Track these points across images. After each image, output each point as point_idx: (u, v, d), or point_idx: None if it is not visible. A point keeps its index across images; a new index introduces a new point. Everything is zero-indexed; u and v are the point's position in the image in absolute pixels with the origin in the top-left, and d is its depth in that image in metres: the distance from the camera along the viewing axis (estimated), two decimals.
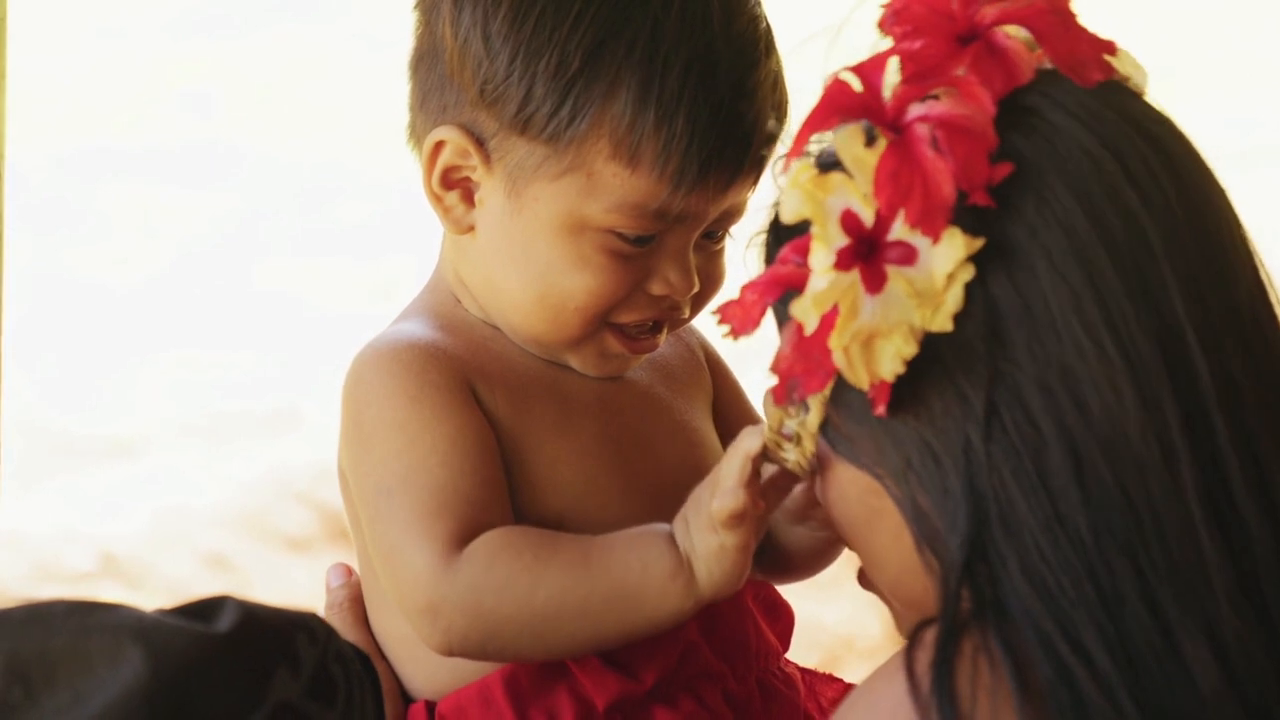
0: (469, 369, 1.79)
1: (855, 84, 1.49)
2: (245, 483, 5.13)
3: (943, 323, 1.44)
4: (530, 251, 1.78)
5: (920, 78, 1.47)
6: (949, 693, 1.42)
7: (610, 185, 1.74)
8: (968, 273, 1.45)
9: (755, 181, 1.79)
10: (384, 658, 1.85)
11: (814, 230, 1.45)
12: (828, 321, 1.44)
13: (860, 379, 1.45)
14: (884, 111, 1.47)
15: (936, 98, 1.47)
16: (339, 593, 1.89)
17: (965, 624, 1.45)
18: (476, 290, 1.83)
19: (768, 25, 1.80)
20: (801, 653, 1.95)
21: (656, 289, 1.79)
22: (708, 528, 1.67)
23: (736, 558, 1.67)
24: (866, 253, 1.45)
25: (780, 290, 1.48)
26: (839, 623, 3.64)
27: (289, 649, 1.38)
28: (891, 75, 1.49)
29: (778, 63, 1.80)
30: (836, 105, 1.49)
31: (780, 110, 1.80)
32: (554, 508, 1.79)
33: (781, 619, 1.91)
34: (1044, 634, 1.43)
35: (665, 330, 1.83)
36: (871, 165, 1.45)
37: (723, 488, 1.64)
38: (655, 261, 1.78)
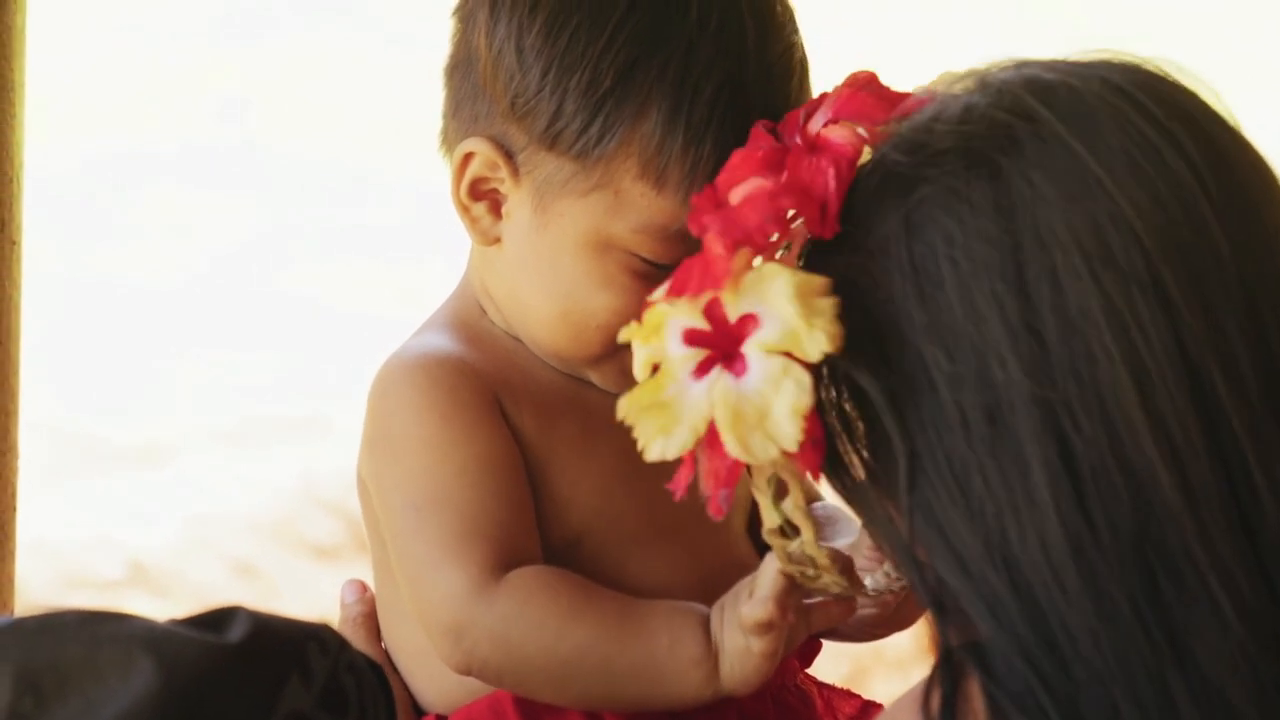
0: (495, 384, 1.79)
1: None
2: (273, 490, 5.13)
3: (815, 351, 1.45)
4: (555, 267, 1.78)
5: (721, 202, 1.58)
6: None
7: (636, 205, 1.74)
8: (813, 296, 1.46)
9: None
10: (396, 670, 1.86)
11: (663, 369, 1.50)
12: (713, 430, 1.48)
13: (766, 456, 1.47)
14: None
15: None
16: (353, 608, 1.90)
17: (963, 667, 1.44)
18: (501, 302, 1.83)
19: (803, 52, 1.79)
20: (830, 664, 1.94)
21: None
22: (738, 628, 1.67)
23: (760, 663, 1.67)
24: (727, 349, 1.49)
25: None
26: None
27: (301, 659, 1.38)
28: None
29: (810, 90, 1.79)
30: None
31: None
32: (573, 525, 1.79)
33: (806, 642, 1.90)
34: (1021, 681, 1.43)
35: None
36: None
37: (756, 595, 1.65)
38: None
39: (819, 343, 1.44)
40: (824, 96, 1.63)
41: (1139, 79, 1.49)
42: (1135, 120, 1.45)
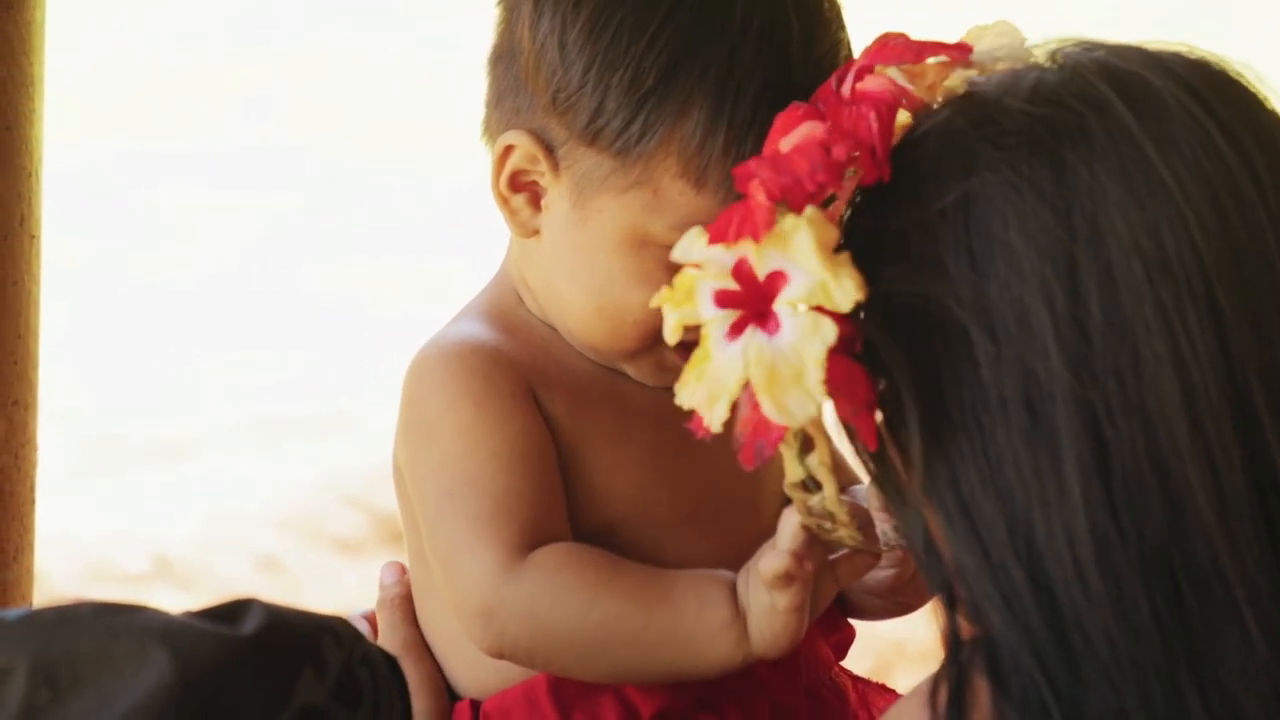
0: (530, 373, 1.80)
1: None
2: (298, 485, 5.14)
3: (846, 301, 1.44)
4: (592, 262, 1.78)
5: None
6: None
7: (675, 203, 1.74)
8: (814, 242, 1.45)
9: None
10: (431, 655, 1.86)
11: (702, 332, 1.47)
12: (747, 386, 1.46)
13: (807, 414, 1.44)
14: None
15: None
16: (391, 589, 1.90)
17: (971, 660, 1.44)
18: (538, 293, 1.84)
19: (849, 49, 1.78)
20: (854, 658, 1.95)
21: None
22: (761, 587, 1.66)
23: (788, 619, 1.66)
24: (760, 308, 1.47)
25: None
26: (891, 628, 3.62)
27: (315, 652, 1.38)
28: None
29: None
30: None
31: None
32: (606, 515, 1.79)
33: (839, 630, 1.91)
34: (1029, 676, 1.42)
35: None
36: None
37: (775, 549, 1.64)
38: None
39: (848, 292, 1.43)
40: (852, 61, 1.61)
41: (1212, 79, 1.48)
42: (1207, 125, 1.44)
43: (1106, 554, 1.40)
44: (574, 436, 1.79)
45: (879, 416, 1.48)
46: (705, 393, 1.48)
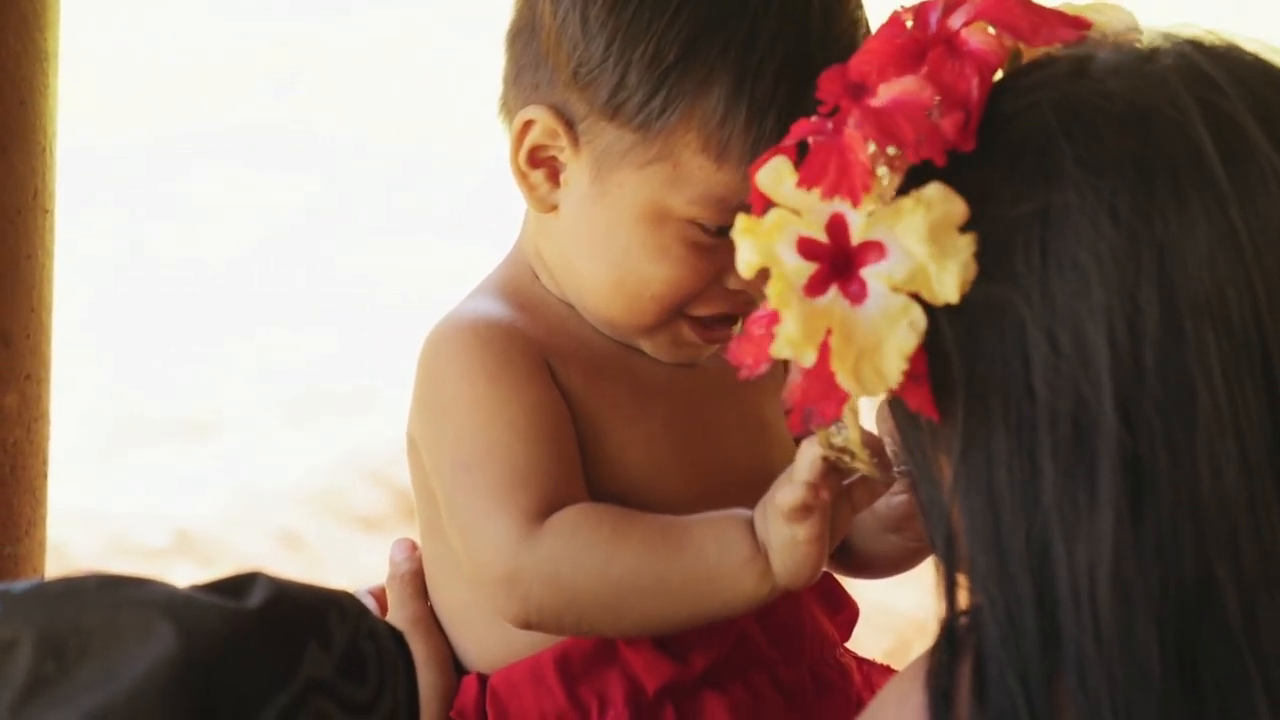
0: (546, 349, 1.80)
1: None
2: (320, 462, 5.15)
3: (947, 292, 1.40)
4: (611, 237, 1.78)
5: (863, 88, 1.47)
6: (948, 707, 1.42)
7: (695, 178, 1.75)
8: (951, 229, 1.40)
9: None
10: (440, 630, 1.87)
11: (773, 273, 1.42)
12: (826, 348, 1.40)
13: (875, 391, 1.41)
14: (827, 129, 1.46)
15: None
16: (401, 565, 1.91)
17: (964, 643, 1.42)
18: (555, 268, 1.84)
19: (868, 26, 1.79)
20: (874, 638, 1.95)
21: (733, 283, 1.79)
22: (780, 519, 1.66)
23: (808, 549, 1.66)
24: (843, 268, 1.42)
25: None
26: (911, 608, 3.61)
27: (320, 626, 1.38)
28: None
29: None
30: (800, 132, 1.48)
31: None
32: (620, 490, 1.79)
33: (843, 610, 1.91)
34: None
35: (740, 323, 1.83)
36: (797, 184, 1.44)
37: (791, 481, 1.64)
38: (733, 256, 1.78)
39: (949, 287, 1.40)
40: None
41: None
42: None
43: (1125, 598, 1.38)
44: (589, 411, 1.80)
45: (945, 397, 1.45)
46: (785, 339, 1.42)
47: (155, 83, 8.60)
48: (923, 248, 1.40)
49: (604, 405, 1.81)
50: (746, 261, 1.44)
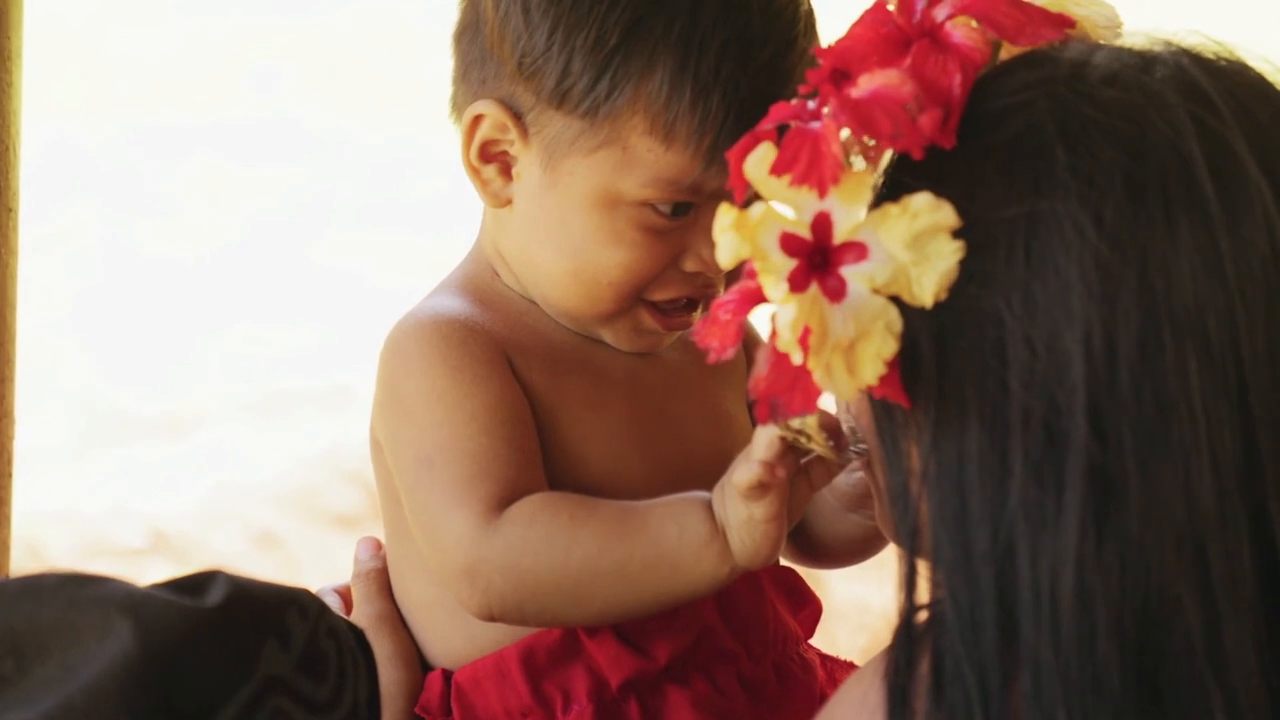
0: (506, 344, 1.80)
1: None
2: (297, 460, 5.14)
3: (926, 297, 1.40)
4: (565, 225, 1.79)
5: (844, 75, 1.45)
6: (905, 703, 1.42)
7: (645, 160, 1.75)
8: (936, 235, 1.40)
9: None
10: (405, 627, 1.87)
11: (757, 266, 1.41)
12: (801, 344, 1.40)
13: (845, 391, 1.41)
14: (806, 114, 1.45)
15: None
16: (366, 564, 1.92)
17: (924, 639, 1.42)
18: (513, 263, 1.84)
19: (809, 6, 1.80)
20: (850, 635, 1.94)
21: (690, 265, 1.79)
22: (737, 499, 1.66)
23: (767, 528, 1.66)
24: (820, 265, 1.41)
25: (753, 305, 1.44)
26: (887, 605, 3.62)
27: (279, 624, 1.38)
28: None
29: (818, 38, 1.79)
30: (778, 115, 1.47)
31: None
32: (581, 482, 1.79)
33: (806, 606, 1.91)
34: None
35: (700, 308, 1.84)
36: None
37: (747, 460, 1.64)
38: (688, 238, 1.79)
39: (927, 290, 1.40)
40: None
41: None
42: (1276, 224, 1.41)
43: (1087, 608, 1.37)
44: (550, 404, 1.80)
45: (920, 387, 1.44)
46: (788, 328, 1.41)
47: (138, 78, 8.58)
48: (907, 253, 1.40)
49: (565, 399, 1.81)
50: (730, 252, 1.43)
